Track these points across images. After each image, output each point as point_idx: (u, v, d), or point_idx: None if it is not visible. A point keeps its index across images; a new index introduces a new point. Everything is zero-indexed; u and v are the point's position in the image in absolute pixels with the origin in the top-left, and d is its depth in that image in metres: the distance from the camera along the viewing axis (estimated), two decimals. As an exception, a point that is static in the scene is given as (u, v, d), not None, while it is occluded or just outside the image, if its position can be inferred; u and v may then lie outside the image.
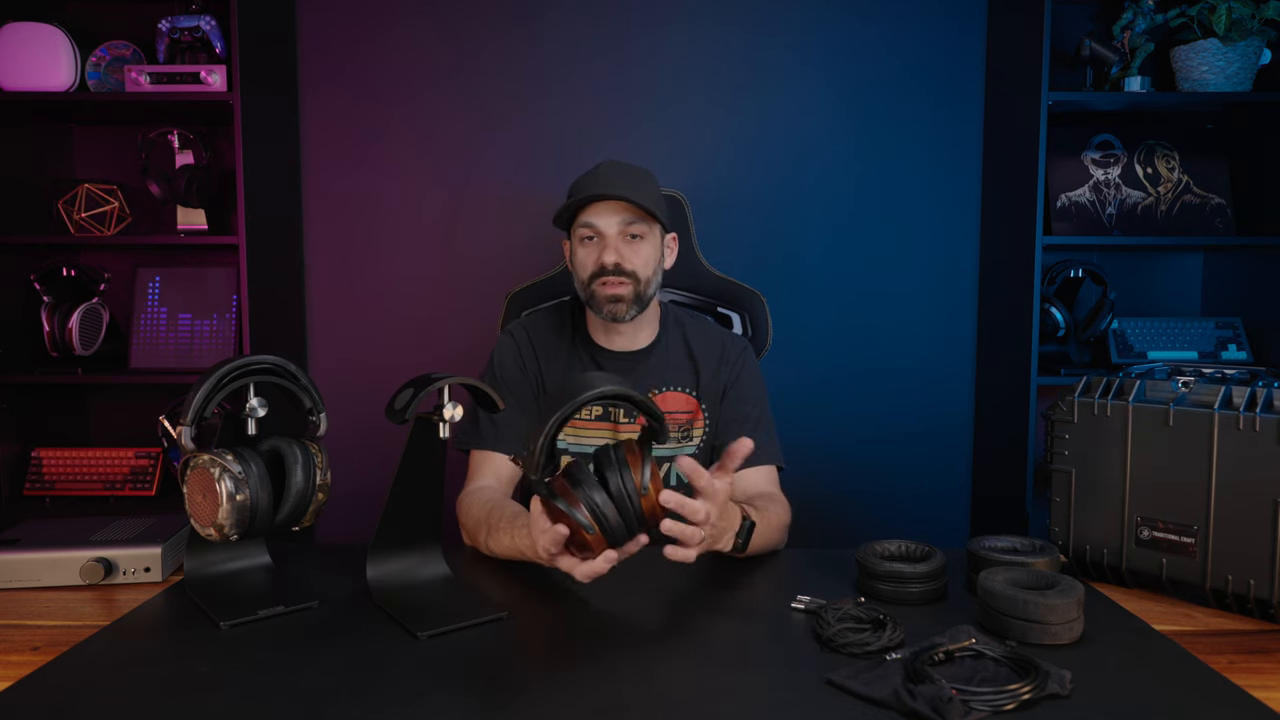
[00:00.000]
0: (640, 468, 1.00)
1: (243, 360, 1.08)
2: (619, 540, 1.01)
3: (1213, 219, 2.43)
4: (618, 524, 0.99)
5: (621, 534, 1.00)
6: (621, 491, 0.99)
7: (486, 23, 2.44)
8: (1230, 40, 2.16)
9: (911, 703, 0.81)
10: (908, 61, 2.45)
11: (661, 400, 1.52)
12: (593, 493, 0.98)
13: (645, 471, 1.00)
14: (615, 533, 0.99)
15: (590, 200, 1.42)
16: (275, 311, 2.33)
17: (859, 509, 2.52)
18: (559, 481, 1.00)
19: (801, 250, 2.49)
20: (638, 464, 1.00)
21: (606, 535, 0.99)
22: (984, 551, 1.14)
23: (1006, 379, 2.34)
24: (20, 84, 2.16)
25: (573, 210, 1.45)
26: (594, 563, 1.01)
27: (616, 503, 0.99)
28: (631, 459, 1.01)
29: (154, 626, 1.06)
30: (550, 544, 1.02)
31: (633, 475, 0.99)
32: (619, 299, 1.43)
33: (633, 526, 1.00)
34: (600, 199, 1.42)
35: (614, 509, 0.98)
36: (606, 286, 1.43)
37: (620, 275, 1.42)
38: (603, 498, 0.98)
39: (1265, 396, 1.07)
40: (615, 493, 0.99)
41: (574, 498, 0.98)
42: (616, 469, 1.00)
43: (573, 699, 0.86)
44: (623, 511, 0.99)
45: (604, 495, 0.98)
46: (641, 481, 0.99)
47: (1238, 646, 1.01)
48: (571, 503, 0.98)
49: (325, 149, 2.48)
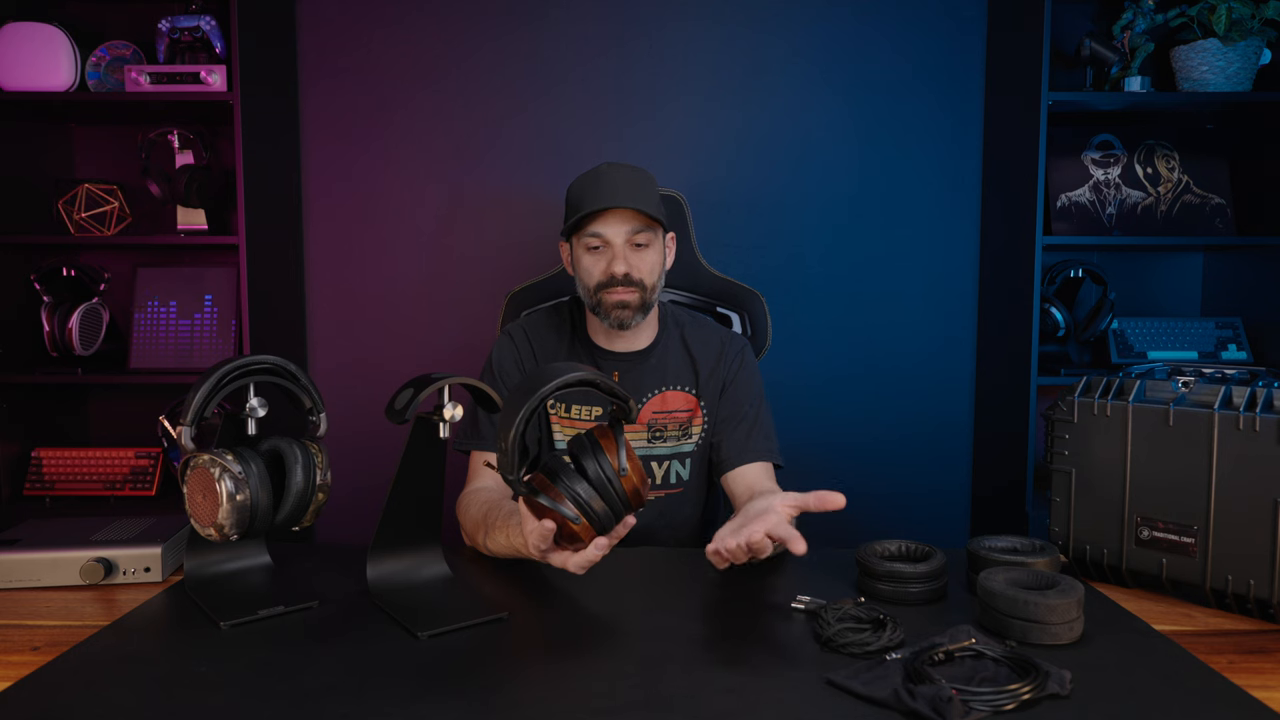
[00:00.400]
0: (615, 450, 1.00)
1: (243, 360, 1.08)
2: (607, 526, 1.01)
3: (1213, 219, 2.43)
4: (603, 511, 0.99)
5: (608, 520, 1.00)
6: (601, 477, 0.99)
7: (486, 22, 2.44)
8: (1230, 40, 2.16)
9: (911, 703, 0.81)
10: (908, 61, 2.45)
11: (662, 400, 1.52)
12: (574, 483, 0.98)
13: (621, 453, 1.00)
14: (602, 519, 0.99)
15: (598, 211, 1.42)
16: (275, 311, 2.33)
17: (859, 509, 2.50)
18: (538, 478, 1.00)
19: (801, 250, 2.49)
20: (612, 447, 1.00)
21: (594, 523, 0.99)
22: (984, 551, 1.14)
23: (1006, 379, 2.34)
24: (20, 84, 2.16)
25: (580, 218, 1.45)
26: (586, 552, 1.01)
27: (598, 489, 0.98)
28: (605, 443, 1.00)
29: (154, 626, 1.06)
30: (540, 540, 1.03)
31: (609, 459, 0.99)
32: (626, 306, 1.44)
33: (618, 510, 1.00)
34: (608, 209, 1.42)
35: (597, 496, 0.98)
36: (614, 295, 1.44)
37: (629, 285, 1.43)
38: (584, 487, 0.98)
39: (1265, 396, 1.07)
40: (595, 479, 0.99)
41: (556, 491, 0.98)
42: (593, 455, 1.00)
43: (572, 699, 0.86)
44: (606, 497, 0.99)
45: (585, 484, 0.98)
46: (619, 464, 0.99)
47: (1238, 646, 1.01)
48: (554, 497, 0.98)
49: (325, 149, 2.48)
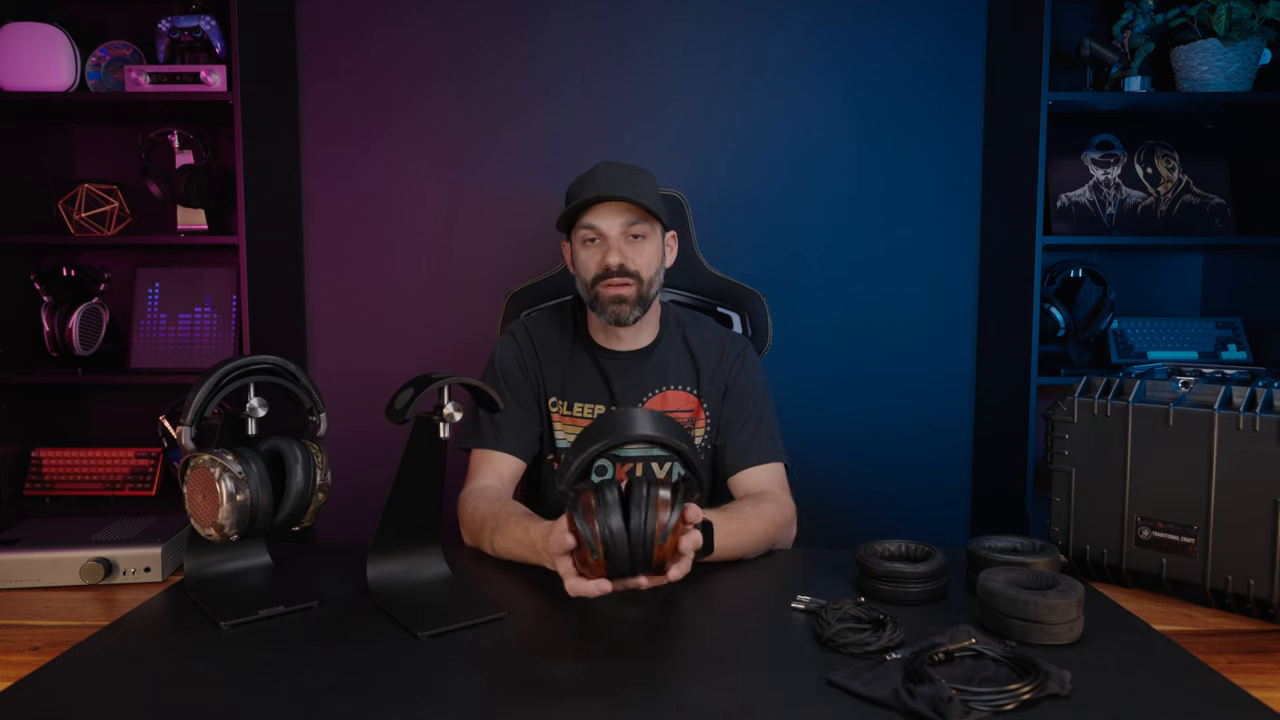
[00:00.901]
0: (668, 514, 0.97)
1: (243, 360, 1.08)
2: (618, 573, 0.98)
3: (1213, 219, 2.43)
4: (622, 560, 0.96)
5: (624, 569, 0.97)
6: (641, 533, 0.96)
7: (486, 22, 2.44)
8: (1230, 40, 2.16)
9: (911, 703, 0.81)
10: (908, 61, 2.45)
11: (662, 399, 1.52)
12: (611, 520, 0.96)
13: (671, 519, 0.97)
14: (617, 566, 0.97)
15: (592, 202, 1.42)
16: (275, 311, 2.33)
17: (859, 509, 2.52)
18: (586, 496, 0.98)
19: (801, 250, 2.49)
20: (666, 510, 0.97)
21: (608, 565, 0.97)
22: (984, 551, 1.14)
23: (1006, 379, 2.34)
24: (20, 84, 2.16)
25: (574, 213, 1.45)
26: (585, 583, 0.99)
27: (631, 541, 0.96)
28: (662, 504, 0.98)
29: (154, 626, 1.06)
30: (556, 545, 1.01)
31: (657, 521, 0.96)
32: (623, 299, 1.43)
33: (636, 568, 0.98)
34: (601, 200, 1.42)
35: (626, 546, 0.96)
36: (610, 288, 1.43)
37: (624, 276, 1.42)
38: (620, 530, 0.95)
39: (1265, 396, 1.07)
40: (634, 531, 0.96)
41: (593, 517, 0.96)
42: (645, 507, 0.97)
43: (572, 699, 0.86)
44: (634, 551, 0.96)
45: (622, 528, 0.96)
46: (664, 529, 0.96)
47: (1238, 646, 1.01)
48: (588, 520, 0.96)
49: (325, 149, 2.48)
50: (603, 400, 1.52)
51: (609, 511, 0.96)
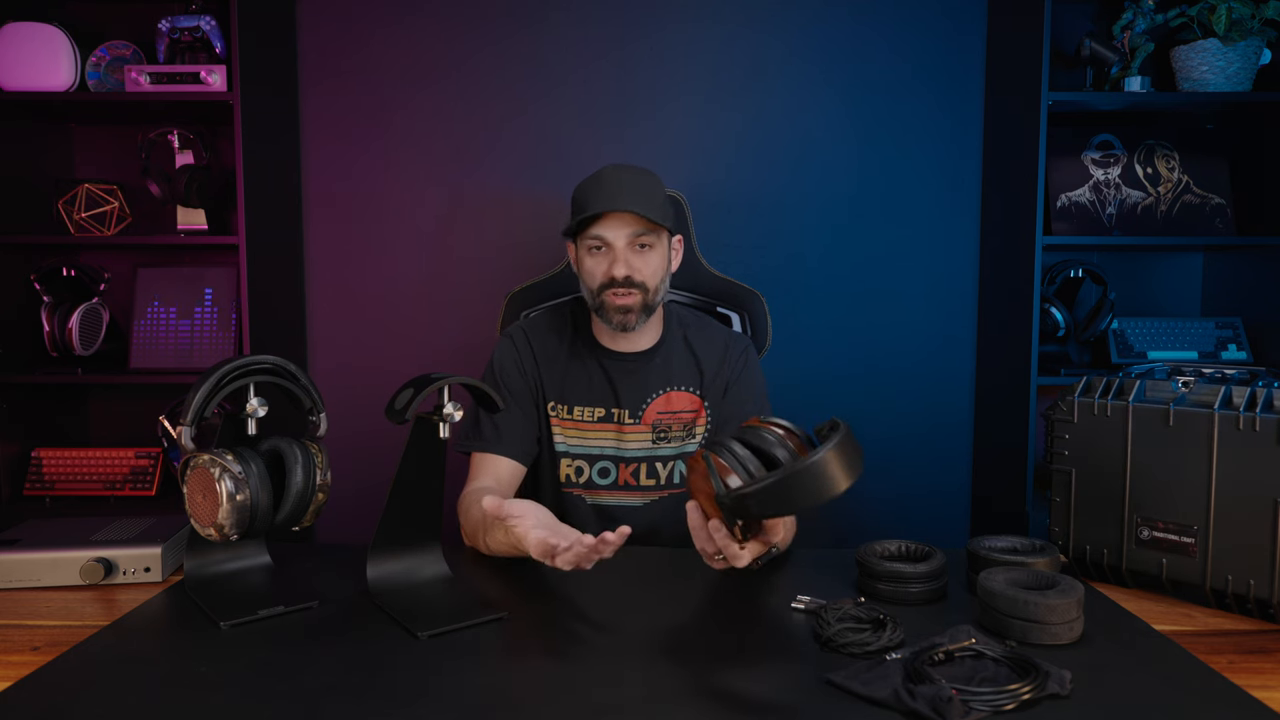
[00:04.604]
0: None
1: (243, 360, 1.09)
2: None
3: (1213, 219, 2.43)
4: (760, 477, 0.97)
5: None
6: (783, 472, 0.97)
7: (487, 23, 2.44)
8: (1230, 40, 2.16)
9: (911, 703, 0.81)
10: (908, 61, 2.45)
11: (666, 400, 1.52)
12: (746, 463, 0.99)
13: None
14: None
15: (599, 215, 1.42)
16: (275, 311, 2.33)
17: (859, 509, 2.52)
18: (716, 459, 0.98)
19: (801, 250, 2.49)
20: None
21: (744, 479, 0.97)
22: (984, 551, 1.14)
23: (1006, 379, 2.34)
24: (20, 84, 2.15)
25: (582, 220, 1.45)
26: (566, 554, 1.01)
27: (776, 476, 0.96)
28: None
29: (154, 626, 1.06)
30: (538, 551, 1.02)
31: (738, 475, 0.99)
32: (628, 309, 1.44)
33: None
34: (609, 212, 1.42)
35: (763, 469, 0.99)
36: (616, 298, 1.44)
37: (630, 287, 1.43)
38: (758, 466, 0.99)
39: (1265, 396, 1.07)
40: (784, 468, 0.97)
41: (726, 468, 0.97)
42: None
43: (572, 699, 0.86)
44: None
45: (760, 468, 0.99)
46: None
47: (1238, 646, 1.01)
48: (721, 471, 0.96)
49: (325, 149, 2.48)
50: (605, 403, 1.52)
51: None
